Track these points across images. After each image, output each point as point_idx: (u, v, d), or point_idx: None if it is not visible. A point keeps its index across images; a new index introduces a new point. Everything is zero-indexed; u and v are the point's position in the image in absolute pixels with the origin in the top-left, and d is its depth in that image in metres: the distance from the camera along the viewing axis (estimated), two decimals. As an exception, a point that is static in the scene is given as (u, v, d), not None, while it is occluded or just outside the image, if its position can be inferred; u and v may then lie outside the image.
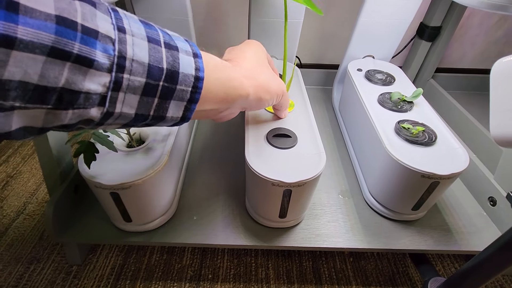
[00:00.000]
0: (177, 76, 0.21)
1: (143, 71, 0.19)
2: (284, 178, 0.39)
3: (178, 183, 0.53)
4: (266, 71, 0.35)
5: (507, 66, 0.27)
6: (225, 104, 0.28)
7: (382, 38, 0.68)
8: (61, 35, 0.15)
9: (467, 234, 0.50)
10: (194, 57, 0.23)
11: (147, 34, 0.20)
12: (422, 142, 0.46)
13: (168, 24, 0.61)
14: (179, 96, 0.22)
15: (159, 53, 0.20)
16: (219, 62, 0.27)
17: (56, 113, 0.17)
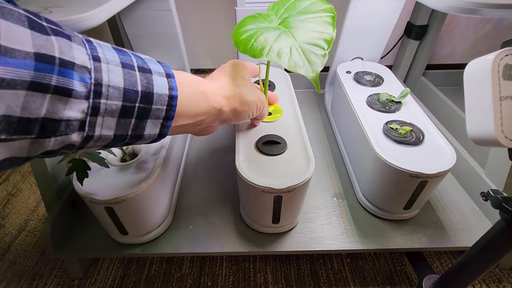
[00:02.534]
0: (152, 97, 0.23)
1: (119, 95, 0.21)
2: (274, 184, 0.40)
3: (173, 194, 0.54)
4: (243, 83, 0.36)
5: (477, 67, 0.28)
6: (200, 117, 0.30)
7: (369, 40, 0.69)
8: (40, 70, 0.16)
9: (461, 230, 0.50)
10: (167, 77, 0.25)
11: (121, 60, 0.21)
12: (410, 142, 0.47)
13: (157, 38, 0.62)
14: (155, 114, 0.23)
15: (134, 77, 0.22)
16: (192, 79, 0.29)
17: (40, 142, 0.18)
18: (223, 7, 0.82)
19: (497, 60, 0.26)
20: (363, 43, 0.70)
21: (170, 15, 0.57)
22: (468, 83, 0.29)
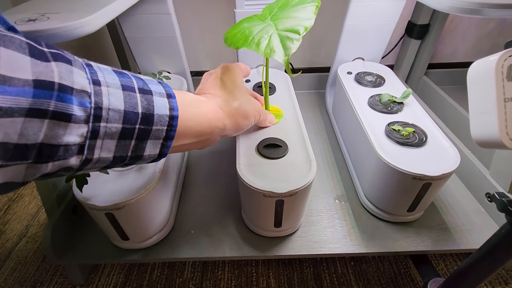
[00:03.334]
0: (152, 118, 0.23)
1: (119, 118, 0.21)
2: (275, 188, 0.40)
3: (174, 198, 0.54)
4: (241, 96, 0.36)
5: (481, 68, 0.27)
6: (202, 137, 0.30)
7: (370, 40, 0.69)
8: (38, 97, 0.16)
9: (466, 232, 0.50)
10: (168, 97, 0.25)
11: (121, 83, 0.21)
12: (413, 144, 0.46)
13: (157, 41, 0.62)
14: (155, 135, 0.23)
15: (134, 99, 0.22)
16: (194, 99, 0.29)
17: (37, 167, 0.18)
18: (223, 9, 0.82)
19: (501, 60, 0.26)
20: (364, 44, 0.69)
21: (169, 18, 0.57)
22: (471, 84, 0.29)
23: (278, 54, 0.29)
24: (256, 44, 0.31)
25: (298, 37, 0.29)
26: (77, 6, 0.32)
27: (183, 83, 0.64)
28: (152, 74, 0.57)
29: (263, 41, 0.31)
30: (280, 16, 0.35)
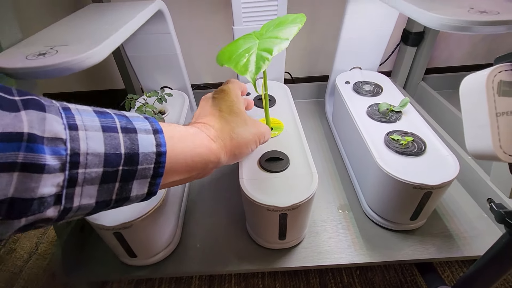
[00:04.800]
0: (137, 157, 0.22)
1: (100, 162, 0.20)
2: (278, 202, 0.41)
3: (180, 213, 0.55)
4: (238, 123, 0.34)
5: (472, 83, 0.28)
6: (194, 172, 0.28)
7: (366, 50, 0.70)
8: (4, 150, 0.16)
9: (469, 238, 0.50)
10: (154, 133, 0.23)
11: (101, 124, 0.20)
12: (412, 153, 0.47)
13: (158, 60, 0.64)
14: (142, 174, 0.22)
15: (116, 139, 0.21)
16: (184, 132, 0.28)
17: (8, 223, 0.17)
18: (221, 22, 0.84)
19: (491, 76, 0.27)
20: (361, 53, 0.71)
21: (169, 37, 0.59)
22: (464, 98, 0.29)
23: (250, 73, 0.30)
24: (235, 62, 0.32)
25: (270, 57, 0.31)
26: (83, 36, 0.34)
27: (185, 99, 0.66)
28: (154, 92, 0.59)
29: (242, 60, 0.32)
30: (268, 35, 0.36)
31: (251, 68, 0.30)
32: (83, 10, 0.47)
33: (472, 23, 0.28)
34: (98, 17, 0.42)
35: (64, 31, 0.36)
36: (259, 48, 0.32)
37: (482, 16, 0.29)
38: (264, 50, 0.31)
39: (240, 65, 0.31)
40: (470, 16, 0.29)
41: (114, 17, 0.41)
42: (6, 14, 0.39)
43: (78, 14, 0.45)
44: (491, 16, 0.29)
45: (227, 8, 0.80)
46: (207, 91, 0.90)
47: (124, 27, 0.36)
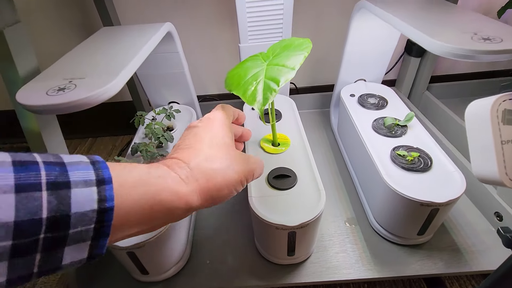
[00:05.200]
0: (67, 220, 0.18)
1: (7, 233, 0.16)
2: (287, 221, 0.41)
3: (190, 229, 0.56)
4: (222, 158, 0.28)
5: (477, 110, 0.29)
6: (156, 221, 0.24)
7: (371, 62, 0.71)
8: None
9: (477, 253, 0.50)
10: (98, 185, 0.19)
11: (16, 182, 0.16)
12: (418, 169, 0.48)
13: (166, 77, 0.65)
14: (77, 238, 0.18)
15: (35, 201, 0.17)
16: (144, 175, 0.23)
17: None
18: (227, 34, 0.85)
19: (495, 105, 0.27)
20: (365, 66, 0.71)
21: (177, 56, 0.60)
22: (469, 124, 0.30)
23: (257, 104, 0.31)
24: (243, 91, 0.33)
25: (277, 88, 0.31)
26: (100, 67, 0.35)
27: (192, 114, 0.67)
28: (163, 110, 0.60)
29: (250, 88, 0.33)
30: (275, 61, 0.37)
31: (259, 98, 0.31)
32: (96, 35, 0.48)
33: (475, 52, 0.29)
34: (111, 44, 0.43)
35: (80, 61, 0.38)
36: (266, 77, 0.33)
37: (485, 44, 0.30)
38: (271, 80, 0.32)
39: (248, 94, 0.32)
40: (474, 45, 0.30)
41: (127, 43, 0.43)
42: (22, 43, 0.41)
43: (92, 39, 0.46)
44: (494, 45, 0.30)
45: (233, 19, 0.82)
46: (213, 103, 0.92)
47: (137, 56, 0.37)
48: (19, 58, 0.39)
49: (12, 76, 0.39)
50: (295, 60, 0.34)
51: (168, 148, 0.58)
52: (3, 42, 0.38)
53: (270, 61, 0.39)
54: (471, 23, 0.37)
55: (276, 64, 0.35)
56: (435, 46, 0.33)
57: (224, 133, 0.30)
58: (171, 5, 0.79)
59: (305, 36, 0.39)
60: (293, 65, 0.33)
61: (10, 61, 0.39)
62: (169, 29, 0.53)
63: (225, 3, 0.79)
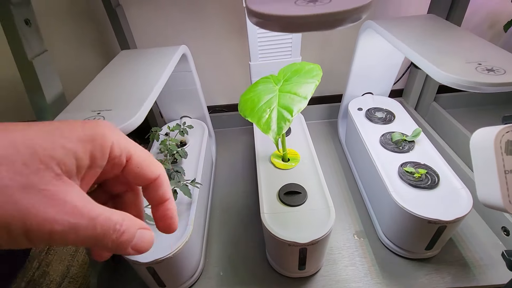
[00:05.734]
0: None
1: None
2: (298, 238, 0.43)
3: (203, 242, 0.58)
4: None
5: (481, 140, 0.31)
6: None
7: (378, 78, 0.72)
8: None
9: (484, 267, 0.51)
10: None
11: None
12: (426, 186, 0.49)
13: (179, 93, 0.68)
14: None
15: None
16: None
17: None
18: (236, 46, 0.87)
19: (498, 136, 0.29)
20: (372, 80, 0.73)
21: (190, 75, 0.63)
22: (474, 152, 0.32)
23: (272, 133, 0.33)
24: (258, 118, 0.35)
25: (291, 118, 0.33)
26: (124, 97, 0.37)
27: (204, 129, 0.69)
28: (177, 126, 0.63)
29: (264, 116, 0.35)
30: (287, 88, 0.39)
31: (273, 127, 0.33)
32: (117, 60, 0.51)
33: (479, 84, 0.31)
34: (132, 71, 0.46)
35: (105, 90, 0.40)
36: (280, 105, 0.35)
37: (489, 76, 0.31)
38: (285, 108, 0.34)
39: (262, 122, 0.34)
40: (478, 77, 0.31)
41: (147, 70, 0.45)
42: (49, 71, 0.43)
43: (113, 65, 0.49)
44: (497, 77, 0.31)
45: (242, 33, 0.84)
46: (223, 115, 0.94)
47: (157, 85, 0.40)
48: (47, 85, 0.42)
49: (40, 104, 0.42)
50: (306, 88, 0.36)
51: (182, 163, 0.60)
52: (32, 72, 0.41)
53: (282, 86, 0.41)
54: (475, 51, 0.38)
55: (288, 91, 0.37)
56: (440, 76, 0.35)
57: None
58: (183, 22, 0.81)
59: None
60: (305, 94, 0.35)
61: (39, 89, 0.42)
62: (184, 52, 0.55)
63: (234, 19, 0.81)
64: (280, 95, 0.37)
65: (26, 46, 0.40)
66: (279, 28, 0.21)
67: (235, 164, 0.79)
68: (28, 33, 0.40)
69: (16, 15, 0.39)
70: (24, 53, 0.40)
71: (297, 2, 0.22)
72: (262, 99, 0.38)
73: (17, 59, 0.40)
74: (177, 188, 0.47)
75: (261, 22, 0.22)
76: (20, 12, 0.39)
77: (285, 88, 0.39)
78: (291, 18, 0.20)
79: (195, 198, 0.52)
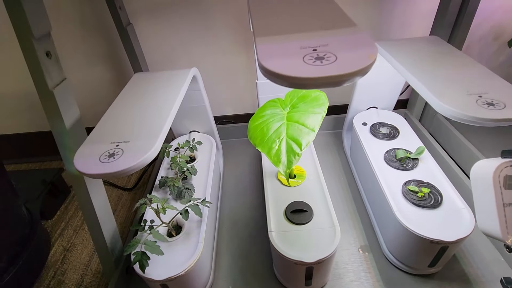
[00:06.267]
0: None
1: None
2: (305, 258, 0.45)
3: (213, 256, 0.60)
4: None
5: (481, 172, 0.32)
6: None
7: (382, 91, 0.73)
8: None
9: (486, 283, 0.52)
10: None
11: None
12: (429, 205, 0.51)
13: (188, 110, 0.70)
14: None
15: None
16: None
17: None
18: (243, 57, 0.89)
19: (497, 171, 0.30)
20: (377, 95, 0.74)
21: (199, 93, 0.65)
22: (474, 183, 0.33)
23: (282, 166, 0.35)
24: (268, 149, 0.37)
25: (300, 152, 0.35)
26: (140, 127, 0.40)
27: (212, 144, 0.71)
28: (186, 143, 0.65)
29: (274, 147, 0.37)
30: (295, 116, 0.41)
31: (283, 160, 0.35)
32: (131, 84, 0.54)
33: (479, 119, 0.32)
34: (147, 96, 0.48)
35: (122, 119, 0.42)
36: (288, 136, 0.37)
37: (488, 111, 0.33)
38: (294, 141, 0.36)
39: (272, 153, 0.36)
40: (478, 111, 0.33)
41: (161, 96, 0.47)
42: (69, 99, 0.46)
43: (128, 90, 0.51)
44: (496, 112, 0.32)
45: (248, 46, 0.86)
46: (230, 127, 0.96)
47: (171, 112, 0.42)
48: (66, 112, 0.45)
49: (61, 129, 0.44)
50: (314, 120, 0.38)
51: (191, 180, 0.62)
52: (53, 101, 0.43)
53: (289, 114, 0.43)
54: (476, 81, 0.40)
55: (296, 121, 0.39)
56: (441, 108, 0.36)
57: None
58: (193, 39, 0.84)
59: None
60: (313, 126, 0.37)
61: (59, 116, 0.44)
62: (194, 74, 0.57)
63: (240, 34, 0.83)
64: (289, 125, 0.39)
65: (47, 77, 0.42)
66: (288, 85, 0.23)
67: (242, 176, 0.81)
68: (49, 65, 0.43)
69: (38, 49, 0.41)
70: (46, 84, 0.42)
71: (305, 59, 0.24)
72: (271, 127, 0.40)
73: (39, 90, 0.43)
74: (188, 207, 0.49)
75: (271, 78, 0.24)
76: (42, 45, 0.42)
77: (293, 117, 0.40)
78: (300, 79, 0.21)
79: (205, 216, 0.54)
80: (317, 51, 0.25)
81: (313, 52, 0.25)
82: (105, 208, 0.52)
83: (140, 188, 0.94)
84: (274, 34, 0.29)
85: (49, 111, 0.45)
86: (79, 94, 0.93)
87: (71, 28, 0.81)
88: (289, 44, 0.27)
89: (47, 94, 0.43)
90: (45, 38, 0.43)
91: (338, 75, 0.21)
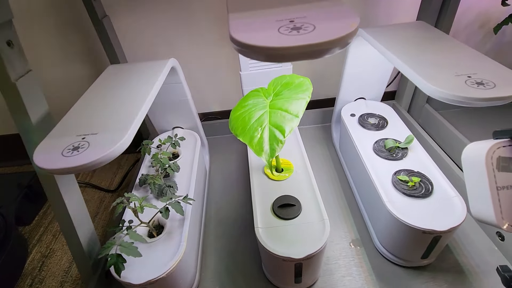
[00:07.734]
0: None
1: None
2: (293, 254, 0.43)
3: (198, 256, 0.57)
4: None
5: (472, 156, 0.30)
6: None
7: (370, 82, 0.72)
8: None
9: (481, 274, 0.51)
10: None
11: None
12: (420, 195, 0.49)
13: (171, 105, 0.67)
14: None
15: None
16: None
17: None
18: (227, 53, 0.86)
19: (490, 153, 0.29)
20: (365, 85, 0.73)
21: (180, 86, 0.62)
22: (466, 167, 0.31)
23: (265, 154, 0.33)
24: (250, 138, 0.35)
25: (283, 139, 0.33)
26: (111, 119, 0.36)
27: (196, 140, 0.69)
28: (168, 138, 0.62)
29: (256, 135, 0.35)
30: (278, 104, 0.39)
31: (266, 148, 0.32)
32: (103, 76, 0.50)
33: (468, 99, 0.31)
34: (120, 88, 0.45)
35: (91, 111, 0.39)
36: (271, 123, 0.35)
37: (478, 90, 0.31)
38: (276, 128, 0.34)
39: (254, 142, 0.33)
40: (467, 91, 0.31)
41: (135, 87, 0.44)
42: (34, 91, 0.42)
43: (101, 81, 0.48)
44: (486, 92, 0.31)
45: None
46: (216, 123, 0.93)
47: (145, 103, 0.39)
48: (31, 106, 0.41)
49: (26, 125, 0.41)
50: (297, 105, 0.35)
51: (174, 177, 0.59)
52: (16, 94, 0.40)
53: (272, 101, 0.41)
54: (464, 62, 0.38)
55: (279, 108, 0.37)
56: (430, 89, 0.34)
57: None
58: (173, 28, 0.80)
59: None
60: (296, 111, 0.35)
61: (23, 110, 0.41)
62: (173, 64, 0.55)
63: (224, 27, 0.80)
64: (271, 112, 0.37)
65: (9, 68, 0.39)
66: (264, 59, 0.20)
67: (229, 173, 0.79)
68: (10, 55, 0.39)
69: (-3, 37, 0.38)
70: (8, 75, 0.39)
71: (281, 30, 0.21)
72: (253, 116, 0.38)
73: (0, 82, 0.39)
74: (169, 205, 0.46)
75: (244, 51, 0.21)
76: (2, 33, 0.38)
77: (276, 104, 0.38)
78: (275, 49, 0.19)
79: (188, 214, 0.51)
80: (294, 22, 0.22)
81: (289, 24, 0.22)
82: (80, 209, 0.49)
83: (124, 189, 0.90)
84: (249, 10, 0.27)
85: (12, 105, 0.41)
86: (56, 91, 0.89)
87: (46, 21, 0.77)
88: (264, 17, 0.25)
89: (9, 87, 0.40)
90: (5, 26, 0.39)
91: (317, 43, 0.19)
